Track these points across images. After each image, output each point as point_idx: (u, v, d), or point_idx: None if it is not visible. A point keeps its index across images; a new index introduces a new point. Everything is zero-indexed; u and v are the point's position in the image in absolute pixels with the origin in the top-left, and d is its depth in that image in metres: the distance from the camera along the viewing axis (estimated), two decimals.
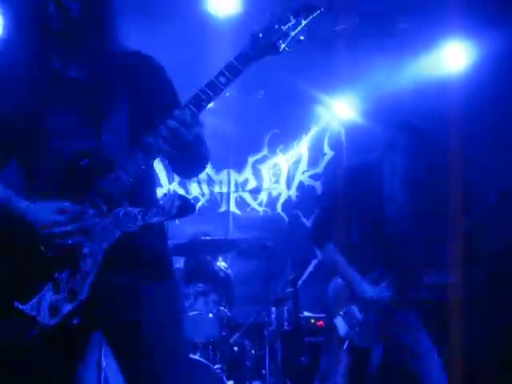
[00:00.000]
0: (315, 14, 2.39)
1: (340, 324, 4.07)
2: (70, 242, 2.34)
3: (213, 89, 2.34)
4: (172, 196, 2.35)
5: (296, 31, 2.37)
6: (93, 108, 2.46)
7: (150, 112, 2.46)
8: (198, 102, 2.34)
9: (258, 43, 2.37)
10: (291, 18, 2.37)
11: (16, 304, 2.32)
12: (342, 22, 6.31)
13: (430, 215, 4.16)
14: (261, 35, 2.36)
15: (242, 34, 5.93)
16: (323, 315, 5.94)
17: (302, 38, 2.38)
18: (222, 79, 2.34)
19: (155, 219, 2.35)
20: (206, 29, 6.30)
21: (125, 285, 2.42)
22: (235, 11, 6.10)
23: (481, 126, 6.34)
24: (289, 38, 2.38)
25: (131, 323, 2.42)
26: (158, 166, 7.61)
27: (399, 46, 6.52)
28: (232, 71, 2.35)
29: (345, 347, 4.05)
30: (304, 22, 2.38)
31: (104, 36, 2.49)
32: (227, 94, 6.78)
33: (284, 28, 2.36)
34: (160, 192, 7.55)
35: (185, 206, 2.34)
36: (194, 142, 2.36)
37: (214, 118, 6.96)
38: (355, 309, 4.08)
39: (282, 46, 2.38)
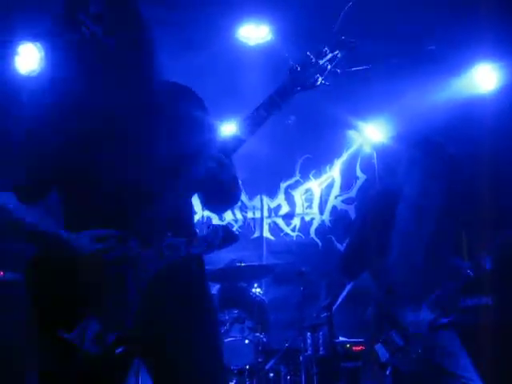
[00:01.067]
0: (350, 48, 2.45)
1: (381, 350, 4.04)
2: (112, 270, 2.38)
3: (254, 122, 2.43)
4: (216, 227, 2.40)
5: (333, 65, 2.44)
6: (133, 141, 2.52)
7: (189, 145, 2.52)
8: (239, 136, 2.43)
9: (296, 78, 2.44)
10: (328, 52, 2.43)
11: (60, 332, 2.35)
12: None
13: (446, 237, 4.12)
14: (299, 70, 2.43)
15: (272, 61, 6.03)
16: (359, 340, 5.91)
17: (338, 70, 2.44)
18: (263, 113, 2.42)
19: (198, 250, 2.40)
20: (237, 56, 6.38)
21: (165, 313, 2.46)
22: (266, 39, 6.19)
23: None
24: (326, 72, 2.44)
25: (171, 351, 2.46)
26: None
27: (429, 68, 6.52)
28: (272, 105, 2.42)
29: (387, 373, 4.02)
30: (340, 56, 2.44)
31: (143, 70, 2.55)
32: None
33: (321, 62, 2.43)
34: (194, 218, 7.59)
35: (228, 237, 2.40)
36: (231, 180, 2.44)
37: (245, 145, 7.01)
38: (395, 334, 4.05)
39: (320, 79, 2.44)
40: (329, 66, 2.43)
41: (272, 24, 6.07)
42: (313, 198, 8.32)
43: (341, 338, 6.27)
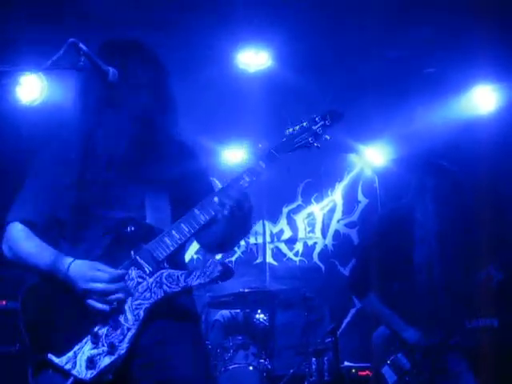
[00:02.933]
0: (338, 119, 2.80)
1: (388, 373, 4.02)
2: (108, 299, 2.43)
3: (253, 173, 2.68)
4: (215, 262, 2.52)
5: (323, 131, 2.77)
6: (138, 183, 2.65)
7: (188, 195, 2.68)
8: (239, 185, 2.62)
9: (293, 139, 2.76)
10: (320, 119, 2.78)
11: (49, 357, 2.39)
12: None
13: (466, 258, 4.13)
14: (295, 133, 2.76)
15: (272, 87, 6.03)
16: (364, 364, 5.87)
17: (327, 137, 2.80)
18: (262, 165, 2.68)
19: (197, 282, 2.51)
20: (237, 83, 6.42)
21: (158, 344, 2.50)
22: (265, 65, 6.23)
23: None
24: (317, 137, 2.78)
25: (163, 381, 2.48)
26: None
27: (429, 90, 6.56)
28: (271, 159, 2.70)
29: None
30: (329, 124, 2.78)
31: (154, 121, 2.68)
32: (260, 145, 6.86)
33: (314, 128, 2.76)
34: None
35: (226, 272, 2.52)
36: (238, 218, 2.57)
37: None
38: (402, 357, 4.03)
39: (311, 141, 2.77)
40: (320, 131, 2.75)
41: (271, 50, 6.12)
42: (315, 222, 8.31)
43: (346, 363, 6.24)
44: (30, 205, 2.63)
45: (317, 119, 2.78)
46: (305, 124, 2.77)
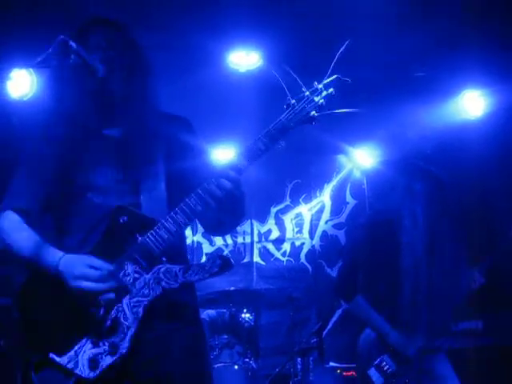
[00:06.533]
0: (337, 87, 2.49)
1: (374, 375, 4.04)
2: (99, 298, 2.39)
3: (251, 154, 2.47)
4: (214, 256, 2.47)
5: (327, 102, 2.49)
6: (130, 166, 2.57)
7: (184, 172, 2.58)
8: (237, 167, 2.47)
9: (293, 113, 2.48)
10: (322, 89, 2.48)
11: (52, 356, 2.36)
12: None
13: (453, 261, 4.15)
14: (296, 105, 2.48)
15: (263, 88, 6.03)
16: (349, 365, 5.89)
17: (330, 111, 2.50)
18: (261, 146, 2.47)
19: (196, 277, 2.44)
20: (228, 82, 6.42)
21: (157, 339, 2.49)
22: (256, 66, 6.24)
23: (499, 171, 6.38)
24: (320, 108, 2.49)
25: (161, 377, 2.48)
26: None
27: (418, 94, 6.59)
28: (270, 139, 2.47)
29: None
30: (334, 94, 2.49)
31: (136, 96, 2.61)
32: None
33: (316, 99, 2.48)
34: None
35: (225, 265, 2.46)
36: (231, 202, 2.49)
37: None
38: (388, 359, 4.05)
39: (314, 114, 2.49)
40: (323, 103, 2.47)
41: (262, 51, 6.13)
42: (303, 222, 8.32)
43: (331, 363, 6.25)
44: (22, 193, 2.57)
45: (320, 88, 2.47)
46: (307, 95, 2.47)
